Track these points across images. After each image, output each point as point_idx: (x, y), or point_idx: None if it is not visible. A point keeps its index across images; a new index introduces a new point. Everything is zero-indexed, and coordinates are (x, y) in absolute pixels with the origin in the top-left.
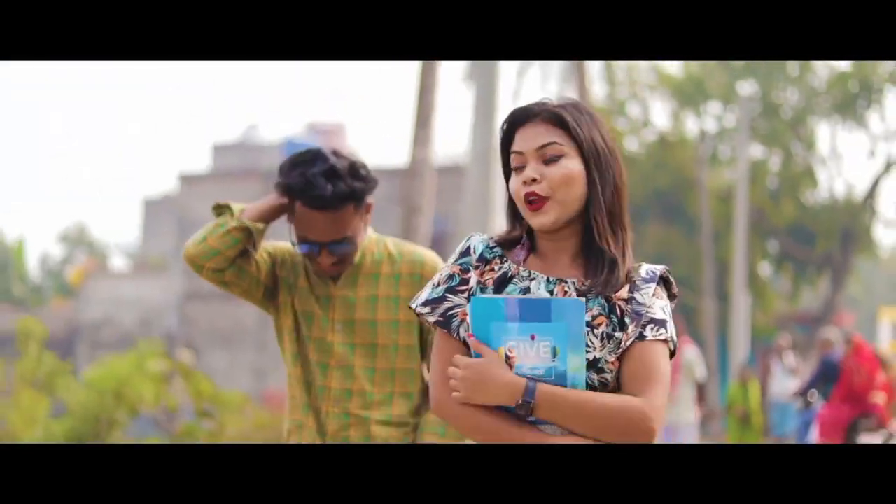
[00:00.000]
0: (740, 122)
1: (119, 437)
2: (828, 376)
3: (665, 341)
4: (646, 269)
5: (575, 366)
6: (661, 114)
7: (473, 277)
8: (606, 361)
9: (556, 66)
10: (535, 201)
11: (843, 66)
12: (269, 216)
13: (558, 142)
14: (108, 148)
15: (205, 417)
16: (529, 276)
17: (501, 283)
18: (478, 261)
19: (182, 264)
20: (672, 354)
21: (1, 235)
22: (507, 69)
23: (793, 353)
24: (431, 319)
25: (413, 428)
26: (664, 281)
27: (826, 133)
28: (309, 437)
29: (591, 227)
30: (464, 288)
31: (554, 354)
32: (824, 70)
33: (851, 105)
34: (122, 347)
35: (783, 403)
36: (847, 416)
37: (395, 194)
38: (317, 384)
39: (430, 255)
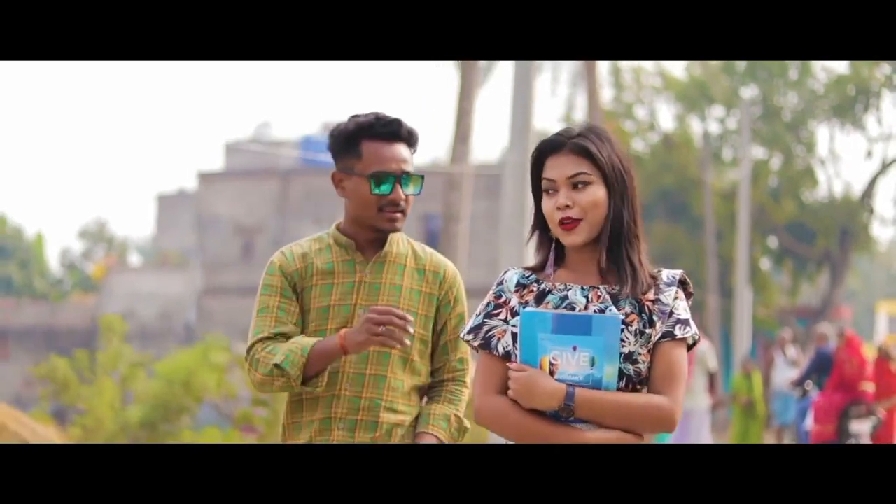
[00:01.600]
0: (742, 125)
1: (187, 422)
2: (822, 367)
3: (686, 339)
4: (666, 274)
5: (609, 374)
6: (666, 116)
7: (514, 299)
8: (639, 354)
9: (566, 71)
10: (568, 223)
11: (842, 70)
12: (331, 358)
13: (586, 171)
14: (125, 145)
15: (259, 405)
16: (566, 287)
17: (541, 297)
18: (516, 286)
19: (201, 259)
20: (693, 345)
21: (22, 231)
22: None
23: (794, 345)
24: (475, 344)
25: (413, 415)
26: (682, 283)
27: (825, 135)
28: (317, 422)
29: (616, 240)
30: (499, 311)
31: (592, 364)
32: (823, 74)
33: (849, 108)
34: (143, 340)
35: (785, 393)
36: (839, 403)
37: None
38: (329, 370)
39: (450, 263)
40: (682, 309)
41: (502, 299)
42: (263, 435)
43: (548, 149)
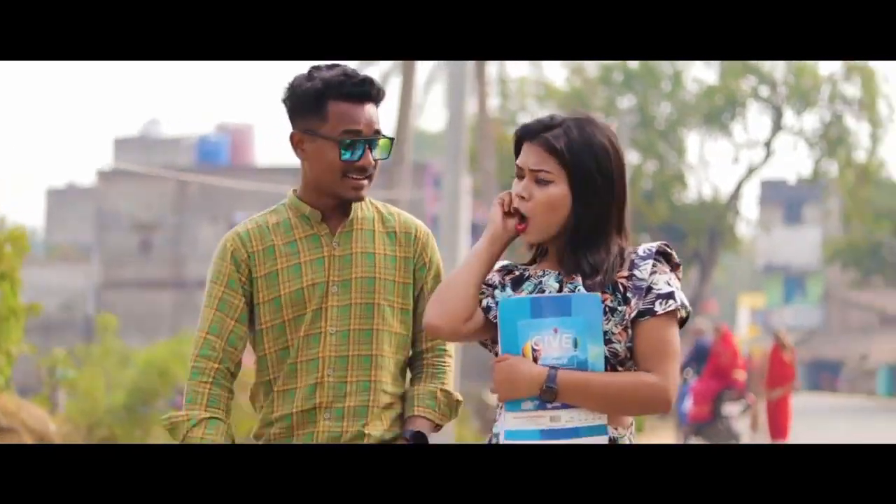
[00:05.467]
0: (619, 132)
1: (163, 406)
2: (699, 357)
3: (674, 312)
4: (643, 247)
5: (594, 354)
6: None
7: (496, 277)
8: (613, 333)
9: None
10: (520, 224)
11: (711, 80)
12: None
13: (547, 170)
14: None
15: None
16: (543, 273)
17: (518, 282)
18: (500, 267)
19: (100, 254)
20: (685, 321)
21: None
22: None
23: None
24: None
25: (401, 397)
26: (664, 255)
27: (695, 141)
28: (297, 414)
29: (576, 241)
30: (485, 288)
31: (575, 345)
32: (694, 85)
33: (718, 117)
34: (46, 333)
35: None
36: (714, 389)
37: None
38: (305, 357)
39: (419, 221)
40: (664, 282)
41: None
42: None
43: (524, 134)
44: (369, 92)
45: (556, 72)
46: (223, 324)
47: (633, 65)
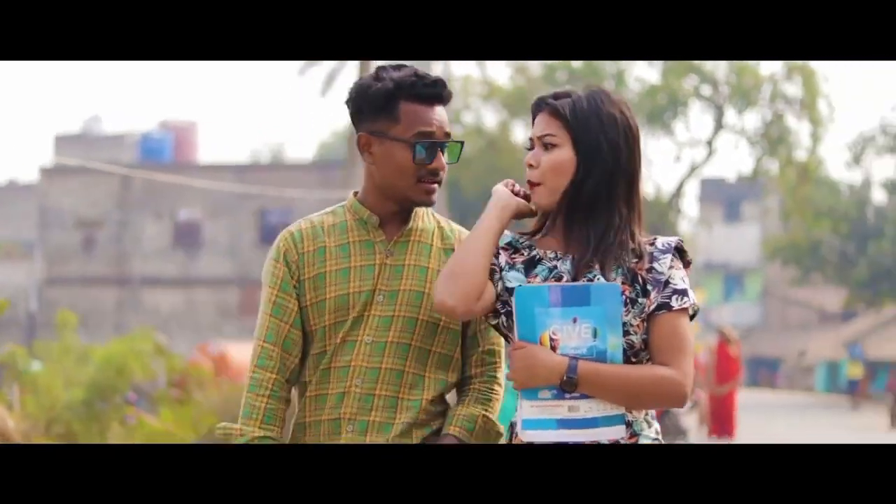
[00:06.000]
0: None
1: (119, 401)
2: None
3: (687, 308)
4: (661, 241)
5: (613, 344)
6: (492, 122)
7: (503, 257)
8: (631, 325)
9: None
10: (531, 184)
11: (654, 80)
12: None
13: (553, 133)
14: None
15: (174, 387)
16: (556, 256)
17: (530, 265)
18: (506, 245)
19: (43, 251)
20: (694, 315)
21: None
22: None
23: None
24: None
25: (439, 415)
26: (679, 252)
27: None
28: (325, 423)
29: (578, 209)
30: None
31: (594, 335)
32: (637, 84)
33: (660, 116)
34: None
35: None
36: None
37: (245, 189)
38: (338, 364)
39: None
40: (679, 278)
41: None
42: (160, 415)
43: (536, 106)
44: (441, 93)
45: (499, 71)
46: (279, 330)
47: (577, 64)
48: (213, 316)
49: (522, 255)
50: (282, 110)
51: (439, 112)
